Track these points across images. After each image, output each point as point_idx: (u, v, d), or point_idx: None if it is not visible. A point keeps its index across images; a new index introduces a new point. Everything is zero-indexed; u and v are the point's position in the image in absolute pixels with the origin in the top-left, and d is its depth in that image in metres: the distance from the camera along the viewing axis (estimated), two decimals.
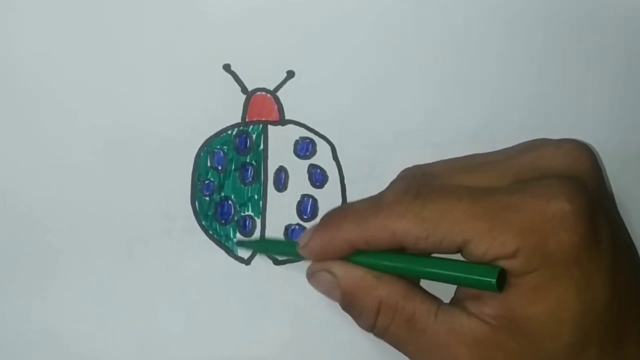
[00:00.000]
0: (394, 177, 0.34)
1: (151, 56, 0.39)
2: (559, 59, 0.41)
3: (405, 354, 0.31)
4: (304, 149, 0.40)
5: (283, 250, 0.39)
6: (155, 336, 0.40)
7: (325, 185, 0.40)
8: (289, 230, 0.40)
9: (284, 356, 0.41)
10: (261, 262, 0.40)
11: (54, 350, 0.40)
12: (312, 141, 0.40)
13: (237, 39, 0.39)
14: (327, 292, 0.33)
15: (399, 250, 0.31)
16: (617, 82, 0.41)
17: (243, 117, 0.40)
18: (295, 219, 0.40)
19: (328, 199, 0.40)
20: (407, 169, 0.32)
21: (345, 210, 0.32)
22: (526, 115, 0.41)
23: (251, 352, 0.40)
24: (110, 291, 0.40)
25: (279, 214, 0.40)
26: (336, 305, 0.40)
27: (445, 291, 0.31)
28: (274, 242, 0.40)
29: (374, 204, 0.31)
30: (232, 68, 0.39)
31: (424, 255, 0.31)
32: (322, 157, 0.40)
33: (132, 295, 0.40)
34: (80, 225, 0.39)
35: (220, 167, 0.40)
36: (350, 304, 0.32)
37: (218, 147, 0.40)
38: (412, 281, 0.31)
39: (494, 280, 0.28)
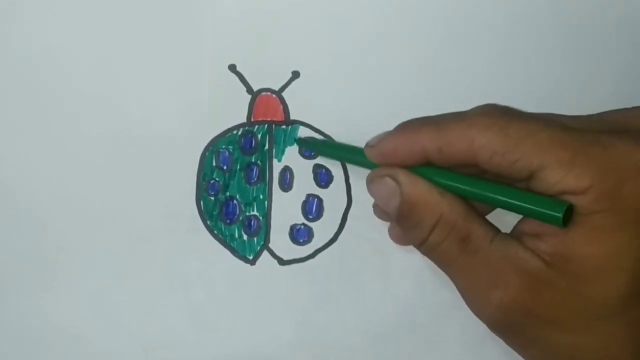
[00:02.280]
0: None
1: (157, 56, 0.39)
2: (562, 59, 0.41)
3: (448, 272, 0.31)
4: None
5: (346, 153, 0.37)
6: (159, 336, 0.40)
7: (331, 185, 0.40)
8: (294, 230, 0.40)
9: (288, 356, 0.41)
10: (266, 262, 0.40)
11: (58, 349, 0.40)
12: None
13: (242, 40, 0.39)
14: (385, 199, 0.32)
15: (469, 167, 0.30)
16: (620, 82, 0.41)
17: (248, 117, 0.40)
18: (301, 219, 0.40)
19: (333, 199, 0.40)
20: (488, 103, 0.31)
21: (426, 118, 0.31)
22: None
23: (255, 352, 0.40)
24: (115, 291, 0.40)
25: (284, 213, 0.40)
26: (340, 306, 0.41)
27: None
28: (337, 145, 0.39)
29: (458, 114, 0.30)
30: (238, 68, 0.39)
31: (491, 175, 0.30)
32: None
33: (136, 295, 0.40)
34: (84, 224, 0.39)
35: (225, 167, 0.40)
36: (408, 214, 0.31)
37: (223, 147, 0.40)
38: (473, 207, 0.31)
39: (560, 215, 0.27)
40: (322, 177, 0.40)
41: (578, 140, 0.28)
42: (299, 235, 0.40)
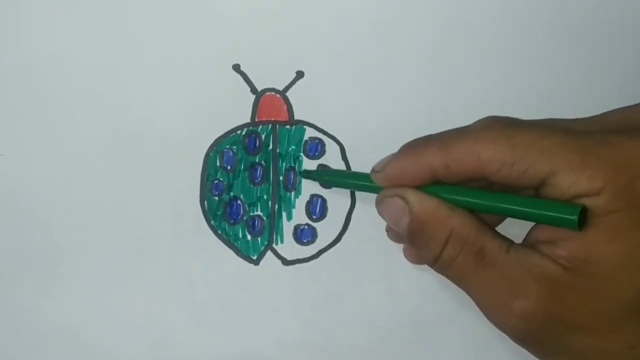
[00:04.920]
0: None
1: (160, 56, 0.39)
2: (564, 59, 0.41)
3: (465, 288, 0.31)
4: (313, 149, 0.40)
5: (351, 181, 0.37)
6: (164, 335, 0.40)
7: None
8: (298, 230, 0.40)
9: (292, 356, 0.41)
10: (270, 262, 0.40)
11: (63, 348, 0.40)
12: (321, 141, 0.40)
13: (246, 39, 0.39)
14: (395, 219, 0.31)
15: (478, 181, 0.30)
16: (622, 83, 0.41)
17: (252, 117, 0.40)
18: (305, 219, 0.40)
19: (337, 199, 0.40)
20: (489, 116, 0.31)
21: (430, 136, 0.31)
22: (534, 115, 0.41)
23: (259, 352, 0.40)
24: (119, 291, 0.40)
25: (288, 214, 0.40)
26: (343, 306, 0.40)
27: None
28: (341, 173, 0.39)
29: (461, 130, 0.30)
30: (242, 68, 0.39)
31: (500, 187, 0.30)
32: (332, 157, 0.40)
33: (140, 295, 0.40)
34: (89, 225, 0.39)
35: (229, 167, 0.40)
36: (418, 231, 0.31)
37: (227, 147, 0.40)
38: (484, 220, 0.31)
39: (575, 218, 0.27)
40: None
41: (586, 142, 0.28)
42: (303, 235, 0.40)
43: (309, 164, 0.40)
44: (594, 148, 0.27)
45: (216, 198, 0.40)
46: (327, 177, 0.39)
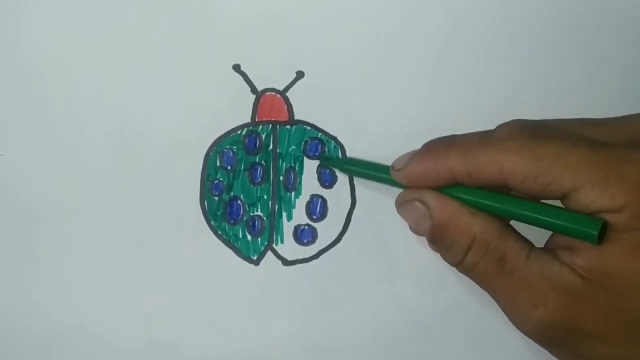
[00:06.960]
0: None
1: (161, 56, 0.39)
2: (565, 59, 0.41)
3: (488, 291, 0.31)
4: (313, 149, 0.40)
5: (372, 172, 0.36)
6: (164, 335, 0.40)
7: (335, 186, 0.40)
8: (298, 230, 0.40)
9: (291, 356, 0.40)
10: (270, 262, 0.40)
11: (65, 347, 0.40)
12: (321, 141, 0.40)
13: (247, 39, 0.39)
14: (416, 223, 0.32)
15: (498, 189, 0.30)
16: (622, 83, 0.41)
17: (252, 117, 0.40)
18: (305, 219, 0.40)
19: (337, 199, 0.40)
20: (514, 120, 0.31)
21: (453, 139, 0.31)
22: (536, 114, 0.41)
23: (258, 352, 0.40)
24: (120, 290, 0.40)
25: (288, 214, 0.40)
26: (343, 306, 0.40)
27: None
28: (362, 163, 0.38)
29: (485, 136, 0.30)
30: (242, 68, 0.39)
31: (521, 194, 0.30)
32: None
33: (141, 295, 0.40)
34: (89, 225, 0.39)
35: (229, 167, 0.40)
36: (441, 237, 0.31)
37: (227, 147, 0.40)
38: (505, 222, 0.31)
39: (596, 232, 0.27)
40: (326, 178, 0.40)
41: (609, 159, 0.28)
42: (303, 235, 0.40)
43: (309, 164, 0.40)
44: (617, 166, 0.28)
45: (216, 198, 0.40)
46: (346, 165, 0.39)
